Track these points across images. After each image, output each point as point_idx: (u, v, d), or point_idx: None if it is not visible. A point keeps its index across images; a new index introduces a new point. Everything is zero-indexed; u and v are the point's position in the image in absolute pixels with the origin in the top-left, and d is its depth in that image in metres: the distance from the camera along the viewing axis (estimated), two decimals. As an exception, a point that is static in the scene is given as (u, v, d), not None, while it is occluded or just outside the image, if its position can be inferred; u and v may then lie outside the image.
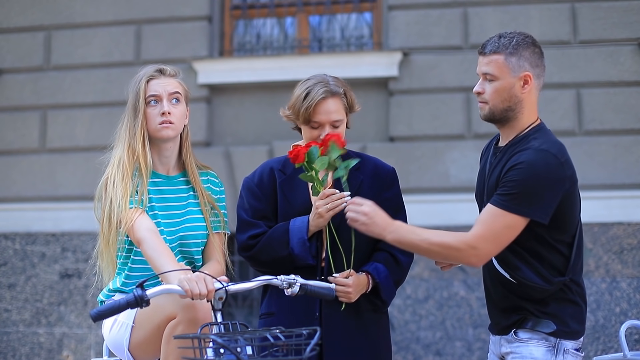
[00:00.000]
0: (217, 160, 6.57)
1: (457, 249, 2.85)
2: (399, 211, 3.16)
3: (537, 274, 2.87)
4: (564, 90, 6.15)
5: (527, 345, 2.89)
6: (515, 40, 2.93)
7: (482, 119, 3.03)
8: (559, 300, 2.91)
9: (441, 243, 2.86)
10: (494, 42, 2.94)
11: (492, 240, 2.84)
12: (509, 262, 2.90)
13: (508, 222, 2.82)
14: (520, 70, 2.91)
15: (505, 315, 2.97)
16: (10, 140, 6.79)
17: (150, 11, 6.81)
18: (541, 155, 2.85)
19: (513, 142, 2.95)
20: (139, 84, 3.13)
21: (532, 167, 2.82)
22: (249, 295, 6.40)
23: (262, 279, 2.69)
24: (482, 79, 2.97)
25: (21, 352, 6.54)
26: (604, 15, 6.20)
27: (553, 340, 2.88)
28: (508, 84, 2.91)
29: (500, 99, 2.92)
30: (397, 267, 3.09)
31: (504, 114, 2.95)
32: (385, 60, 6.44)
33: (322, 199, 2.95)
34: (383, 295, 3.04)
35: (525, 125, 2.97)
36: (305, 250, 2.97)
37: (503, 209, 2.82)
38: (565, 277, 2.90)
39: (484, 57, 2.95)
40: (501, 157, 2.96)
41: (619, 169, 6.04)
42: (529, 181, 2.81)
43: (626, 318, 5.70)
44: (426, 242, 2.87)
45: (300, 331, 2.30)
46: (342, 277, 2.96)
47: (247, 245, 3.06)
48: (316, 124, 3.03)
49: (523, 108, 2.95)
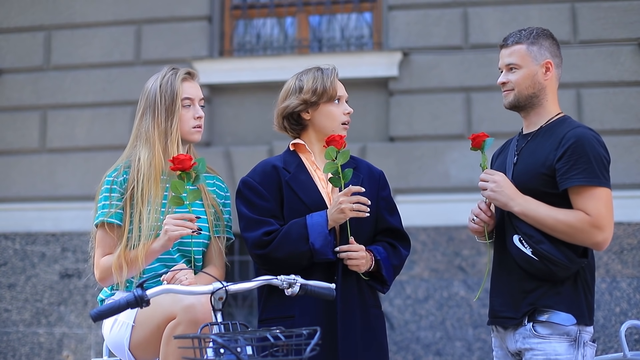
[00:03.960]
0: (217, 160, 6.57)
1: (582, 230, 2.89)
2: (394, 210, 3.21)
3: (559, 250, 2.90)
4: (564, 90, 6.13)
5: (549, 342, 2.89)
6: (536, 32, 3.08)
7: (505, 107, 3.12)
8: (575, 285, 2.94)
9: (566, 222, 2.89)
10: (514, 34, 3.08)
11: (609, 217, 2.91)
12: (532, 235, 2.93)
13: (606, 195, 2.93)
14: (541, 58, 3.06)
15: (516, 303, 2.96)
16: (10, 140, 6.79)
17: (150, 11, 6.81)
18: (594, 133, 2.99)
19: (550, 126, 3.05)
20: (174, 85, 3.12)
21: (594, 141, 2.94)
22: (249, 295, 6.39)
23: (262, 279, 2.68)
24: (505, 71, 3.09)
25: (21, 352, 6.54)
26: (604, 15, 6.20)
27: (574, 333, 2.90)
28: (531, 71, 3.04)
29: (525, 86, 3.04)
30: (395, 253, 3.12)
31: (528, 100, 3.06)
32: (385, 60, 6.44)
33: (347, 196, 2.94)
34: (384, 272, 3.04)
35: (553, 113, 3.10)
36: (326, 244, 2.94)
37: (595, 184, 2.89)
38: (586, 259, 2.94)
39: (507, 49, 3.08)
40: (540, 141, 3.02)
41: (619, 169, 6.04)
42: (599, 152, 2.93)
43: (626, 318, 5.70)
44: (553, 218, 2.90)
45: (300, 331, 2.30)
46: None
47: (263, 242, 2.99)
48: (339, 98, 3.13)
49: (547, 94, 3.08)
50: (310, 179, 3.09)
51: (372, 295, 3.10)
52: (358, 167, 3.18)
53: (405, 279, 6.01)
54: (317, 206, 3.04)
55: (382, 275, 3.05)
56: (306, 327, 2.57)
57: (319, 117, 3.12)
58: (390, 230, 3.15)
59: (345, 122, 3.13)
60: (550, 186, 2.95)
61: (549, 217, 2.91)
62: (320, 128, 3.13)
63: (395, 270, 3.11)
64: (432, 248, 6.08)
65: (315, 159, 3.14)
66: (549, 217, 2.91)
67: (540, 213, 2.92)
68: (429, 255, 6.08)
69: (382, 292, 3.12)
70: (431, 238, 6.06)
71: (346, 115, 3.13)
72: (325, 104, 3.10)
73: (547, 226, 2.91)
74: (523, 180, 2.99)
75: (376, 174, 3.22)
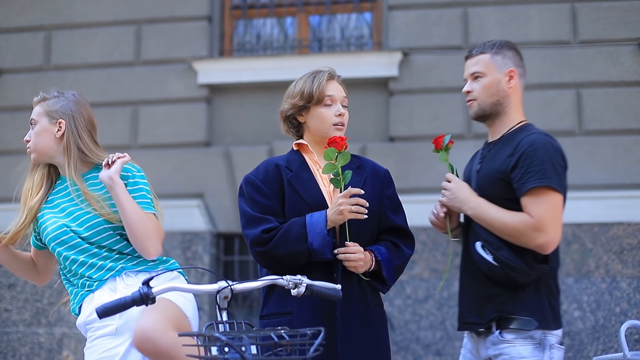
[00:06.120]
0: (217, 160, 6.57)
1: (523, 233, 2.93)
2: (399, 208, 3.22)
3: (518, 256, 2.95)
4: (564, 90, 6.15)
5: (514, 346, 2.96)
6: (499, 43, 3.18)
7: (472, 118, 3.21)
8: (537, 290, 2.99)
9: (510, 224, 2.94)
10: (479, 46, 3.20)
11: (553, 220, 2.94)
12: (492, 242, 2.98)
13: (555, 199, 2.96)
14: (505, 67, 3.13)
15: (481, 308, 3.03)
16: (10, 140, 6.79)
17: (150, 11, 6.81)
18: (549, 138, 3.03)
19: (510, 133, 3.11)
20: None
21: (548, 145, 2.99)
22: (249, 295, 6.40)
23: (268, 279, 2.68)
24: (470, 80, 3.17)
25: (21, 352, 6.54)
26: (604, 15, 6.20)
27: (538, 336, 2.95)
28: (495, 79, 3.12)
29: (489, 94, 3.12)
30: (398, 252, 3.11)
31: (493, 109, 3.13)
32: (385, 60, 6.44)
33: (347, 197, 2.95)
34: (384, 273, 3.04)
35: (516, 121, 3.14)
36: (325, 244, 2.96)
37: (546, 186, 2.93)
38: (547, 265, 2.98)
39: (471, 59, 3.18)
40: (500, 149, 3.09)
41: (619, 169, 6.04)
42: (552, 157, 2.97)
43: (626, 318, 5.70)
44: (500, 221, 2.96)
45: (305, 331, 2.31)
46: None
47: (262, 240, 3.00)
48: (330, 100, 3.11)
49: (511, 102, 3.13)
50: (313, 178, 3.11)
51: (373, 294, 3.10)
52: (362, 166, 3.18)
53: (405, 279, 6.01)
54: (318, 205, 3.04)
55: (383, 275, 3.06)
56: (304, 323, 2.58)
57: (311, 120, 3.15)
58: (394, 229, 3.15)
59: (337, 123, 3.12)
60: (508, 192, 3.00)
61: (496, 219, 2.97)
62: (314, 130, 3.15)
63: (397, 270, 3.12)
64: (432, 248, 6.08)
65: (318, 159, 3.16)
66: (496, 219, 2.97)
67: (489, 215, 2.99)
68: (429, 255, 6.09)
69: (382, 292, 3.13)
70: (431, 238, 6.06)
71: (338, 117, 3.13)
72: (316, 107, 3.12)
73: (495, 228, 2.98)
74: (484, 187, 3.07)
75: (381, 173, 3.22)
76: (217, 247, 6.58)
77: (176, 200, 6.53)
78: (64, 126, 3.19)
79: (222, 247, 6.63)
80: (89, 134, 3.22)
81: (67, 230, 3.11)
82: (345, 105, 3.17)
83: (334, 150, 2.96)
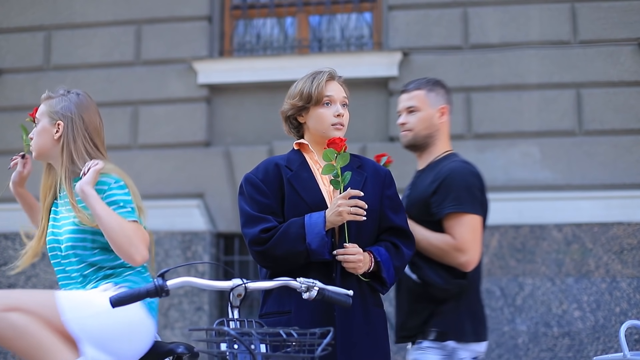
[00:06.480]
0: (217, 160, 6.57)
1: (447, 253, 3.33)
2: (399, 208, 3.21)
3: (436, 274, 3.33)
4: (564, 90, 6.15)
5: (425, 354, 3.32)
6: (433, 81, 3.59)
7: (403, 146, 3.59)
8: (457, 305, 3.34)
9: (435, 244, 3.35)
10: (414, 82, 3.58)
11: (473, 241, 3.33)
12: (414, 262, 3.37)
13: (473, 221, 3.36)
14: (438, 104, 3.54)
15: (410, 322, 3.40)
16: (10, 140, 6.79)
17: (150, 11, 6.81)
18: (467, 165, 3.45)
19: (436, 162, 3.50)
20: None
21: (466, 172, 3.40)
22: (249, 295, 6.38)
23: (281, 280, 2.71)
24: (405, 114, 3.54)
25: (21, 352, 6.54)
26: (604, 15, 6.20)
27: (449, 348, 3.29)
28: (429, 114, 3.52)
29: (423, 127, 3.51)
30: (398, 253, 3.11)
31: (424, 140, 3.52)
32: (385, 60, 6.44)
33: (346, 199, 2.94)
34: (383, 274, 3.04)
35: (442, 151, 3.54)
36: (323, 245, 2.95)
37: (463, 211, 3.33)
38: (465, 280, 3.33)
39: (407, 94, 3.55)
40: (425, 176, 3.47)
41: (619, 169, 6.04)
42: (468, 182, 3.37)
43: (626, 318, 5.70)
44: (426, 240, 3.36)
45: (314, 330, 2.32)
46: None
47: (261, 239, 3.00)
48: (328, 100, 3.12)
49: (440, 136, 3.54)
50: (312, 178, 3.10)
51: (373, 294, 3.10)
52: (363, 165, 3.18)
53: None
54: (318, 205, 3.04)
55: (382, 276, 3.06)
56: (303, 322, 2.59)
57: (310, 120, 3.15)
58: (394, 229, 3.15)
59: (336, 123, 3.12)
60: (428, 215, 3.39)
61: (423, 239, 3.36)
62: (313, 130, 3.15)
63: (396, 271, 3.12)
64: (432, 248, 6.08)
65: (319, 159, 3.16)
66: (423, 239, 3.36)
67: (417, 234, 3.28)
68: (429, 255, 6.09)
69: (382, 292, 3.13)
70: (431, 238, 6.06)
71: (337, 117, 3.13)
72: (315, 107, 3.12)
73: (421, 247, 3.34)
74: (410, 210, 3.43)
75: (382, 173, 3.22)
76: (217, 247, 6.58)
77: (176, 200, 6.53)
78: (61, 128, 3.12)
79: (222, 247, 6.63)
80: (87, 138, 3.12)
81: (55, 247, 3.24)
82: (345, 103, 3.17)
83: (333, 151, 2.96)
